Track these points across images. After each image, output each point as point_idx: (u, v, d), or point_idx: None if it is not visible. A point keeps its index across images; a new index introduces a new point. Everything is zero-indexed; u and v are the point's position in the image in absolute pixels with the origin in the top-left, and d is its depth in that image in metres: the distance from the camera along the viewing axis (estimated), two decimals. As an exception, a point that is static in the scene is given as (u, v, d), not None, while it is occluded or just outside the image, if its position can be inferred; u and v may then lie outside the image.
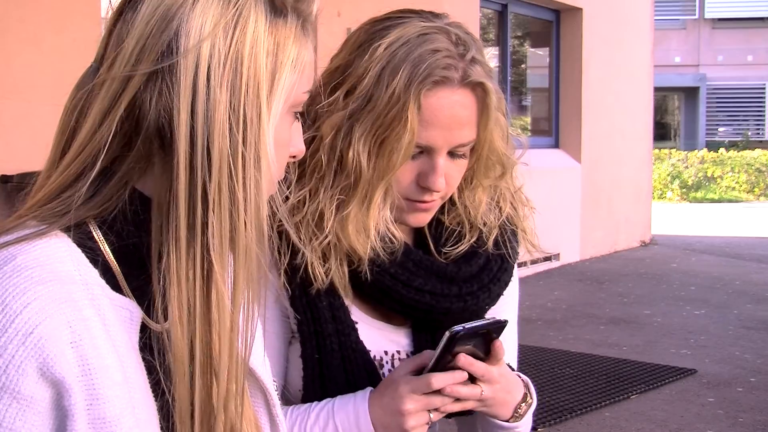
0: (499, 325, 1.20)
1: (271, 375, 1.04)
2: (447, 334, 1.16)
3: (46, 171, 0.88)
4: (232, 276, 0.85)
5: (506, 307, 1.44)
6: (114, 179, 0.86)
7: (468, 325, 1.17)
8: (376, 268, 1.29)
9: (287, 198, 1.25)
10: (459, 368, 1.19)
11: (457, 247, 1.35)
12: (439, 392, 1.19)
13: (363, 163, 1.24)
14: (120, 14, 0.85)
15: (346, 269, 1.28)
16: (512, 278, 1.42)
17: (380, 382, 1.26)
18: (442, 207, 1.36)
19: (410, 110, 1.21)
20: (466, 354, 1.19)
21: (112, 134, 0.83)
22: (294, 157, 0.95)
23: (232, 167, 0.82)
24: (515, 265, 1.43)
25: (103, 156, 0.84)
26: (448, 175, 1.28)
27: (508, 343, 1.45)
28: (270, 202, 0.89)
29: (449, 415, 1.31)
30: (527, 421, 1.33)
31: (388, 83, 1.22)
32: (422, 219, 1.32)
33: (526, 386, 1.33)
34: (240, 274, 0.85)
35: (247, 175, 0.83)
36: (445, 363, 1.18)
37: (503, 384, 1.25)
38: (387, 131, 1.23)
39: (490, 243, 1.36)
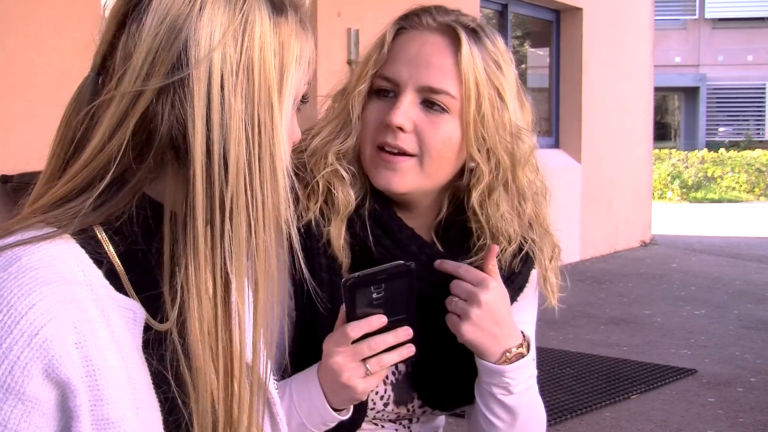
0: (405, 269, 1.17)
1: (271, 373, 1.04)
2: (341, 282, 1.16)
3: (45, 182, 0.87)
4: (252, 280, 0.85)
5: (524, 308, 1.43)
6: (124, 189, 0.85)
7: (363, 272, 1.16)
8: (389, 257, 1.30)
9: None
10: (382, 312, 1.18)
11: (478, 260, 1.34)
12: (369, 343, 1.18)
13: (336, 100, 1.37)
14: (121, 26, 0.84)
15: (343, 229, 1.29)
16: (530, 281, 1.42)
17: None
18: (460, 211, 1.35)
19: (375, 48, 1.32)
20: (379, 303, 1.17)
21: (123, 147, 0.82)
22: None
23: (248, 173, 0.82)
24: (533, 270, 1.42)
25: (113, 168, 0.83)
26: (419, 128, 1.29)
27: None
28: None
29: (461, 404, 1.30)
30: (522, 375, 1.31)
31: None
32: (389, 178, 1.30)
33: (526, 340, 1.32)
34: (260, 277, 0.84)
35: (263, 177, 0.83)
36: (363, 313, 1.17)
37: (490, 311, 1.25)
38: (356, 68, 1.34)
39: (509, 251, 1.36)
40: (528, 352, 1.32)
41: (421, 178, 1.31)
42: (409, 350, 1.20)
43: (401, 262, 1.18)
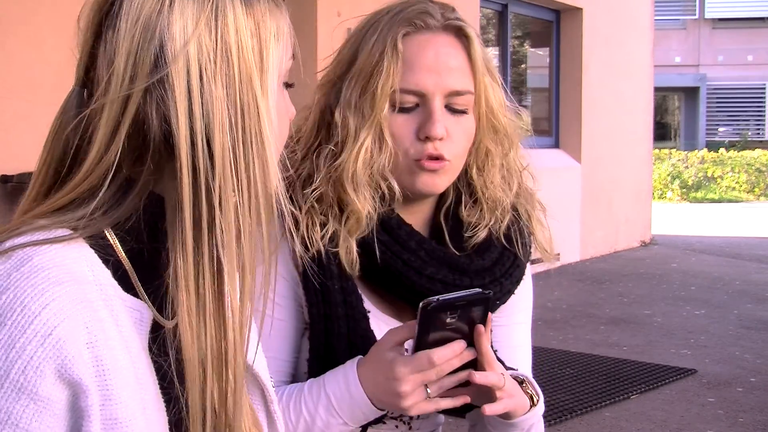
0: (482, 297, 1.17)
1: (268, 371, 1.04)
2: (420, 305, 1.14)
3: (32, 200, 0.87)
4: (239, 264, 0.85)
5: (519, 307, 1.44)
6: (132, 193, 0.86)
7: (443, 297, 1.15)
8: (388, 252, 1.30)
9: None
10: (460, 338, 1.17)
11: (477, 232, 1.35)
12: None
13: (349, 116, 1.28)
14: (98, 35, 0.85)
15: (353, 245, 1.28)
16: (525, 277, 1.42)
17: (369, 355, 1.24)
18: (459, 200, 1.36)
19: (387, 53, 1.26)
20: (450, 327, 1.16)
21: (120, 153, 0.83)
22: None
23: (233, 157, 0.82)
24: (528, 264, 1.43)
25: (111, 175, 0.83)
26: (451, 133, 1.29)
27: (522, 347, 1.45)
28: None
29: (453, 412, 1.30)
30: (539, 421, 1.32)
31: (369, 39, 1.29)
32: (431, 183, 1.31)
33: (520, 378, 1.32)
34: (247, 260, 0.85)
35: (250, 159, 0.83)
36: (432, 339, 1.16)
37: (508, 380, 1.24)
38: (367, 79, 1.28)
39: (504, 225, 1.37)
40: (530, 382, 1.32)
41: (453, 176, 1.33)
42: (464, 399, 1.21)
43: (480, 290, 1.18)
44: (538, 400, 1.30)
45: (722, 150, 19.18)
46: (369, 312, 1.32)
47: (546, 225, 1.44)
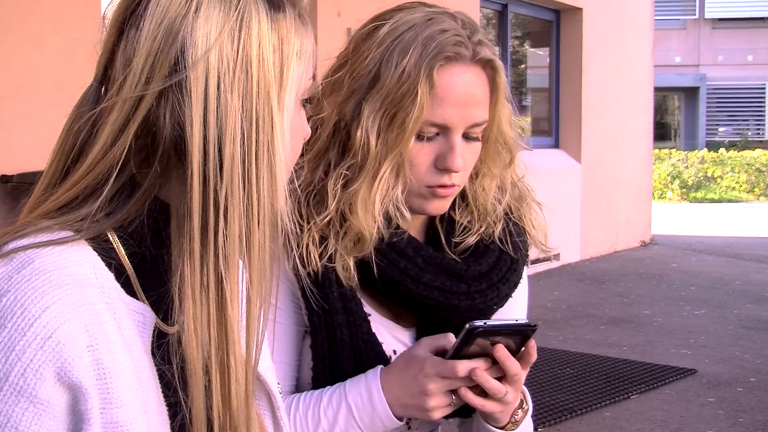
0: (527, 328, 1.19)
1: (275, 377, 1.04)
2: (466, 326, 1.16)
3: (44, 190, 0.87)
4: (246, 278, 0.85)
5: (515, 310, 1.44)
6: (136, 195, 0.85)
7: (489, 322, 1.17)
8: (385, 261, 1.29)
9: None
10: (490, 358, 1.19)
11: (467, 237, 1.34)
12: (461, 378, 1.19)
13: (371, 140, 1.24)
14: (120, 33, 0.85)
15: (351, 262, 1.27)
16: (521, 280, 1.42)
17: (395, 361, 1.25)
18: (453, 203, 1.36)
19: (421, 86, 1.22)
20: (487, 345, 1.19)
21: (125, 152, 0.82)
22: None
23: (243, 170, 0.82)
24: (525, 267, 1.42)
25: (115, 173, 0.83)
26: (465, 160, 1.28)
27: None
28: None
29: (456, 414, 1.31)
30: (526, 427, 1.32)
31: (397, 63, 1.23)
32: (442, 207, 1.31)
33: (522, 392, 1.31)
34: (254, 275, 0.84)
35: (260, 174, 0.83)
36: (465, 354, 1.19)
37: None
38: (396, 108, 1.23)
39: (497, 230, 1.36)
40: (529, 405, 1.32)
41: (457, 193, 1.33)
42: (491, 406, 1.22)
43: (528, 322, 1.19)
44: (513, 428, 1.29)
45: (722, 150, 19.18)
46: (369, 315, 1.31)
47: (538, 214, 1.44)
